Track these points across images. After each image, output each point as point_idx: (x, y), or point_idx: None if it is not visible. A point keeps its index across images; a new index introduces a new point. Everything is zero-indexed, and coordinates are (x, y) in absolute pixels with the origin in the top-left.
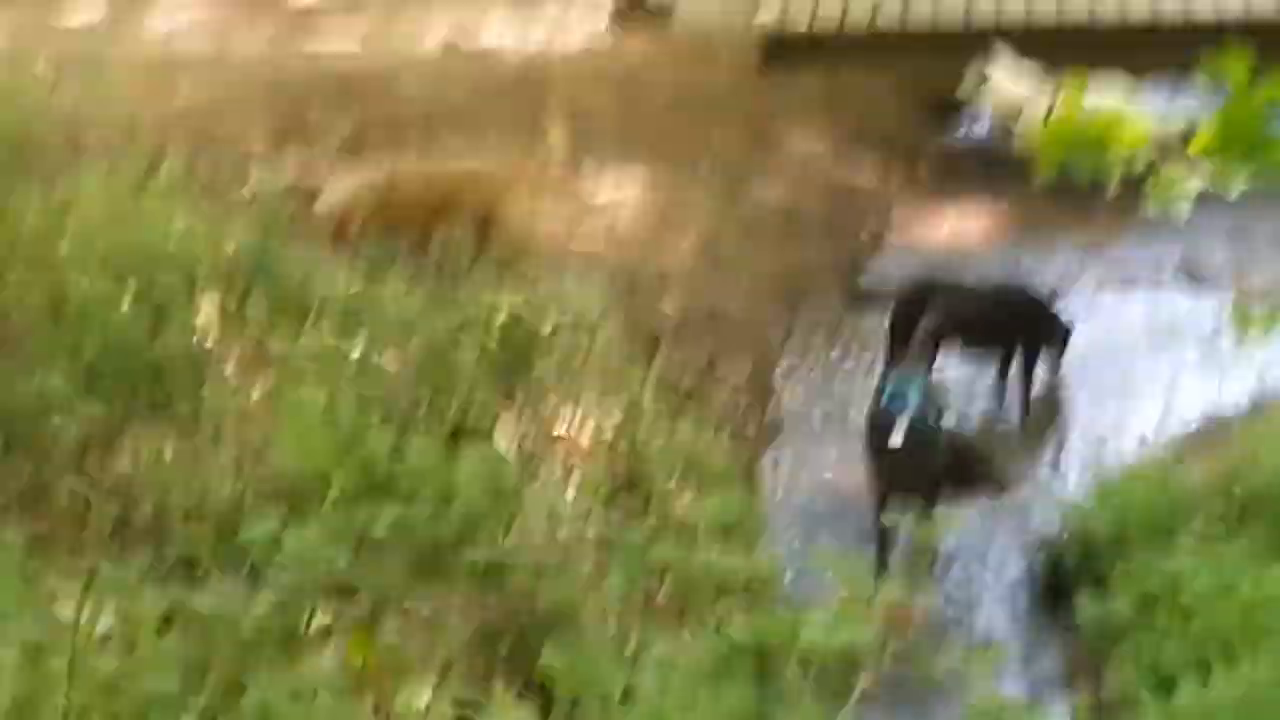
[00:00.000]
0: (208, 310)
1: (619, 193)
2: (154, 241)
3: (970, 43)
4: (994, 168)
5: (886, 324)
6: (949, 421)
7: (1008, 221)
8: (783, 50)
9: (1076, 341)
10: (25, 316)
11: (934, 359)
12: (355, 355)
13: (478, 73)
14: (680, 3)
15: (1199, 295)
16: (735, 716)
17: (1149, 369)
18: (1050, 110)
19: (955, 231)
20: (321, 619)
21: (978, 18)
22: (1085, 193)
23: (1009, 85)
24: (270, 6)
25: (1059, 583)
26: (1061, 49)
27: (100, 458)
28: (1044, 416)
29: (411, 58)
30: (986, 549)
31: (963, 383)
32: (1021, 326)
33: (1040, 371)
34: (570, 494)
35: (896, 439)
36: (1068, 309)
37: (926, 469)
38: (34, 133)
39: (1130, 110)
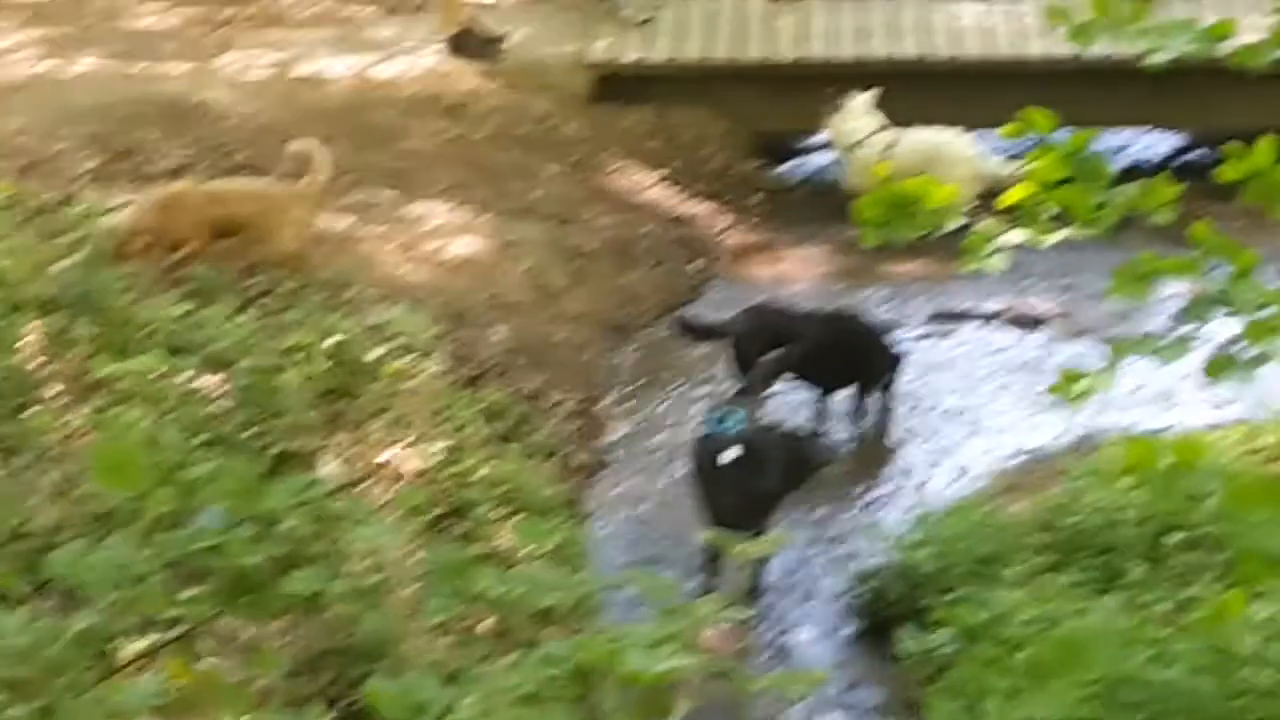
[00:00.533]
0: (32, 334)
1: (449, 221)
2: None
3: (802, 81)
4: (828, 203)
5: (728, 354)
6: (775, 452)
7: (840, 256)
8: (614, 85)
9: (907, 377)
10: None
11: (769, 388)
12: (181, 379)
13: (308, 99)
14: (513, 36)
15: (1027, 333)
16: None
17: (977, 405)
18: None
19: (788, 265)
20: (139, 643)
21: (810, 57)
22: None
23: (852, 127)
24: (102, 30)
25: (882, 615)
26: (892, 89)
27: None
28: (874, 447)
29: (242, 82)
30: (810, 580)
31: (795, 412)
32: (854, 357)
33: (872, 402)
34: (394, 520)
35: (724, 458)
36: (899, 343)
37: (751, 495)
38: None
39: (955, 159)
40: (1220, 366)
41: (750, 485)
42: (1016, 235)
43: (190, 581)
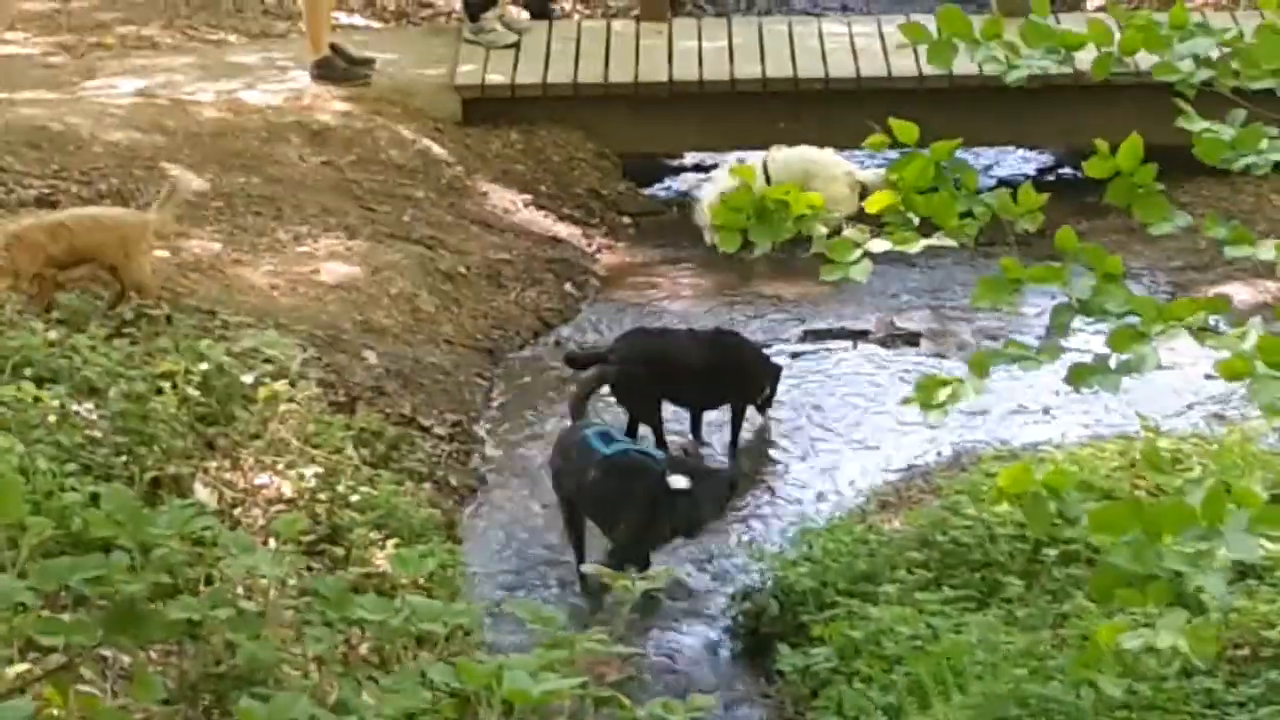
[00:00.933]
0: None
1: (319, 246)
2: None
3: (671, 102)
4: (698, 225)
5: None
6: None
7: (712, 276)
8: (483, 108)
9: (782, 395)
10: None
11: (648, 407)
12: (53, 406)
13: (174, 125)
14: (379, 60)
15: (901, 350)
16: None
17: (852, 422)
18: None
19: (660, 286)
20: (17, 669)
21: (680, 78)
22: (789, 250)
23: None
24: None
25: (762, 634)
26: (765, 109)
27: None
28: (750, 465)
29: (107, 109)
30: (689, 600)
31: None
32: (732, 376)
33: (750, 417)
34: (270, 545)
35: (677, 485)
36: (773, 359)
37: (694, 524)
38: None
39: (830, 175)
40: (1082, 375)
41: (697, 515)
42: (880, 244)
43: (70, 609)
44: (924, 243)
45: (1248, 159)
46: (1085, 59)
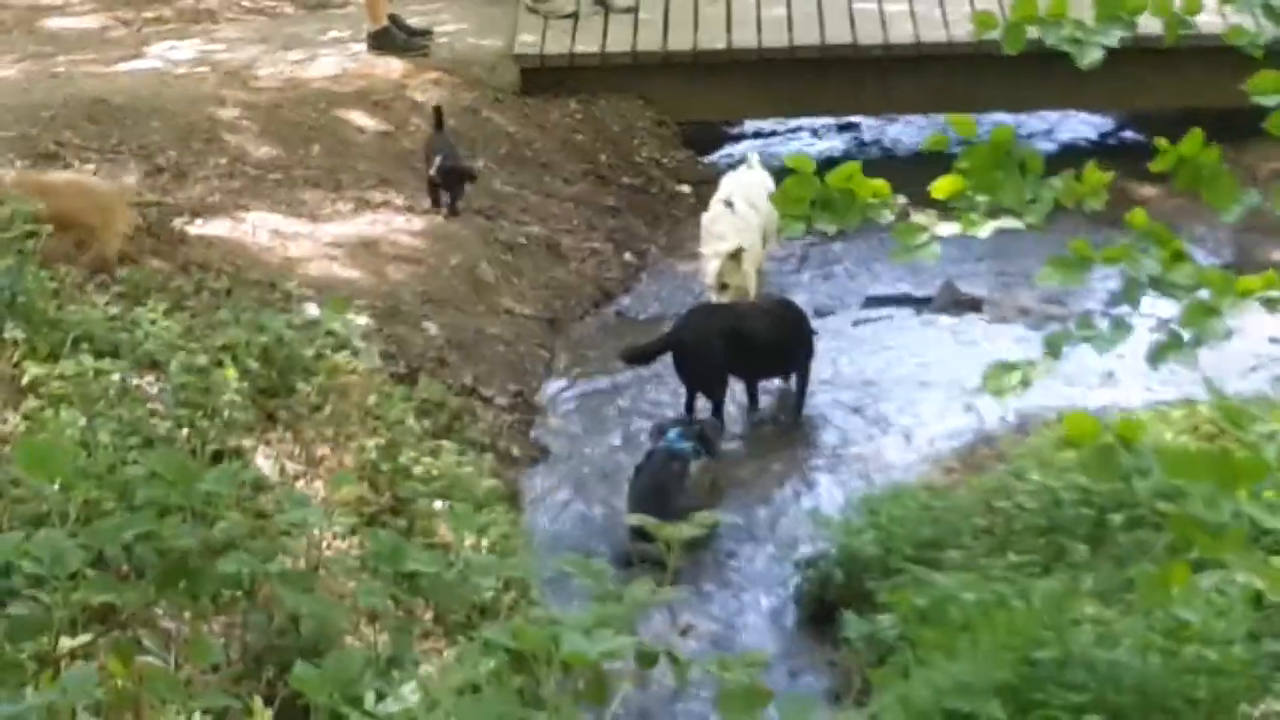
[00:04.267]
0: None
1: (379, 217)
2: None
3: (731, 70)
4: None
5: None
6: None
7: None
8: (542, 77)
9: (845, 362)
10: None
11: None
12: (114, 380)
13: (233, 97)
14: (438, 30)
15: (963, 315)
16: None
17: (915, 388)
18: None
19: None
20: (78, 637)
21: (739, 45)
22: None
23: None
24: (24, 31)
25: (826, 601)
26: (823, 76)
27: None
28: (811, 432)
29: (167, 79)
30: (752, 568)
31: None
32: (792, 343)
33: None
34: (333, 515)
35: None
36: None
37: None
38: None
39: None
40: (1162, 353)
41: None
42: (948, 227)
43: (132, 575)
44: (992, 225)
45: None
46: (1143, 22)
